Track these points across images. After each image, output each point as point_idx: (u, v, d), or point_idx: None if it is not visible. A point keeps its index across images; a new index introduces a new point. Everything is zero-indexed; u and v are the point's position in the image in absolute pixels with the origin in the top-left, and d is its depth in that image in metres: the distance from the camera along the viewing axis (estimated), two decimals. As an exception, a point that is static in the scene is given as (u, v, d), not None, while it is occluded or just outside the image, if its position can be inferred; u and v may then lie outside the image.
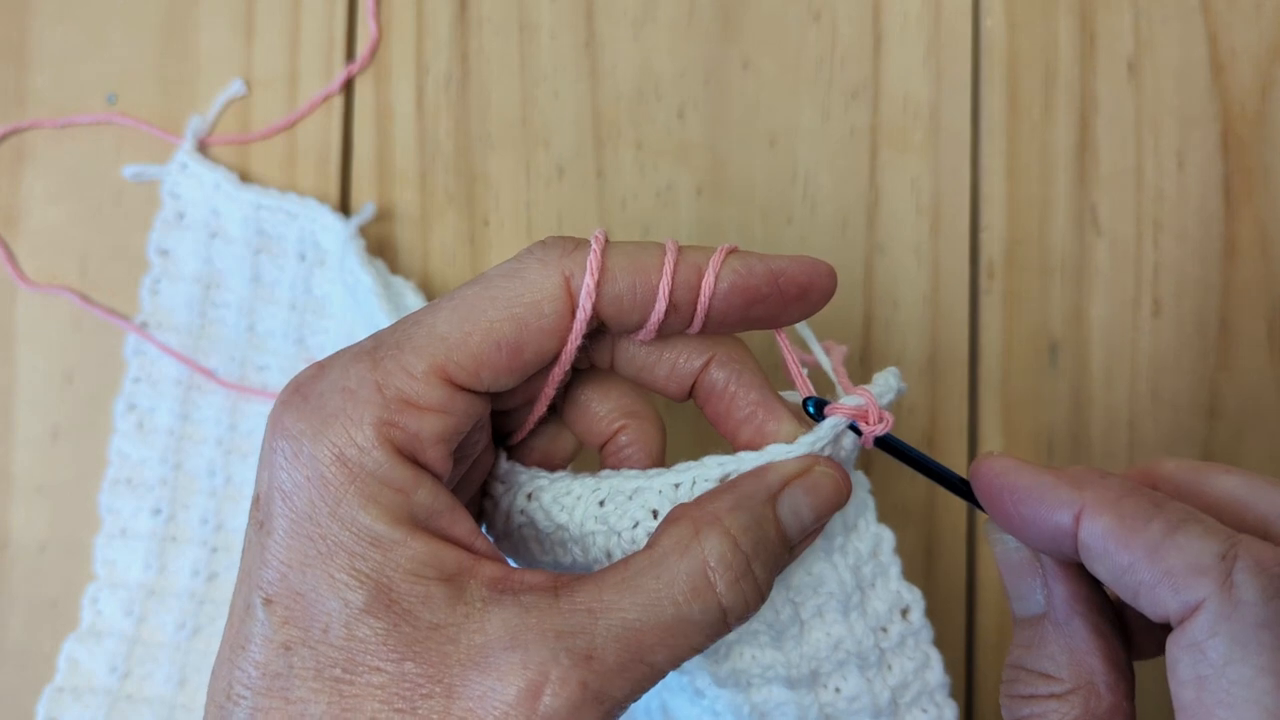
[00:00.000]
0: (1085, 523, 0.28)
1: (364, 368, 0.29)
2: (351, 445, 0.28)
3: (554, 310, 0.30)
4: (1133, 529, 0.27)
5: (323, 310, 0.50)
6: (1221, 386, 0.49)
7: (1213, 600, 0.26)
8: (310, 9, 0.51)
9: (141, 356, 0.50)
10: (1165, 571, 0.27)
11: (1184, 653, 0.26)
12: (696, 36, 0.51)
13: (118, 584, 0.49)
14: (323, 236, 0.49)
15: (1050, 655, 0.30)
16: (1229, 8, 0.50)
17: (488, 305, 0.30)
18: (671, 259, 0.31)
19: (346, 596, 0.28)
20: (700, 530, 0.30)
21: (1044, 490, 0.29)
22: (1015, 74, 0.50)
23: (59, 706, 0.48)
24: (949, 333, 0.50)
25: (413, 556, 0.28)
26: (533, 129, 0.51)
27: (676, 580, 0.29)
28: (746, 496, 0.31)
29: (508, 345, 0.30)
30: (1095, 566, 0.29)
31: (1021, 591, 0.31)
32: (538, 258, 0.31)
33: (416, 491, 0.29)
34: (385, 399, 0.29)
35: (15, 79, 0.51)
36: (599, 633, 0.28)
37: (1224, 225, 0.49)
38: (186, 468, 0.50)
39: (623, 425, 0.35)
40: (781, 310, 0.32)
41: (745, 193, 0.50)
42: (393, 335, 0.30)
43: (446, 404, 0.30)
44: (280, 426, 0.29)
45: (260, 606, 0.28)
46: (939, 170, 0.50)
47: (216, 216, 0.50)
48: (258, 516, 0.29)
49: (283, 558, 0.28)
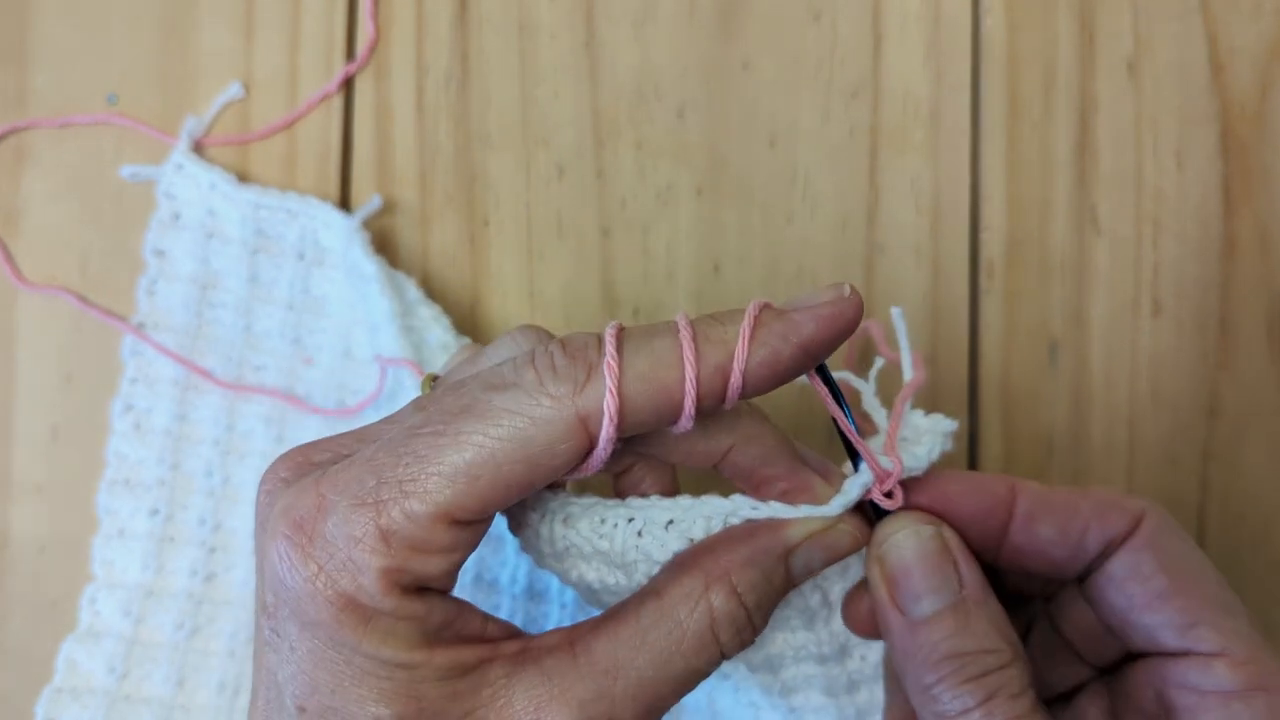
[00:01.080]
0: (1022, 489, 0.33)
1: (368, 514, 0.29)
2: (362, 593, 0.29)
3: (567, 449, 0.29)
4: (1060, 490, 0.33)
5: (320, 310, 0.50)
6: (1221, 386, 0.49)
7: (1151, 510, 0.32)
8: (310, 9, 0.51)
9: (139, 357, 0.50)
10: (1105, 502, 0.32)
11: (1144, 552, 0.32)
12: (696, 36, 0.51)
13: (116, 584, 0.49)
14: (324, 235, 0.49)
15: (983, 633, 0.31)
16: (1229, 8, 0.50)
17: (497, 449, 0.29)
18: (693, 373, 0.29)
19: (378, 713, 0.29)
20: (710, 586, 0.31)
21: (972, 476, 0.34)
22: (1015, 74, 0.50)
23: (58, 707, 0.48)
24: (949, 333, 0.50)
25: (437, 668, 0.30)
26: (533, 129, 0.51)
27: (686, 637, 0.31)
28: (761, 551, 0.32)
29: (517, 485, 0.29)
30: (1034, 524, 0.33)
31: (931, 583, 0.32)
32: (550, 394, 0.29)
33: (429, 617, 0.30)
34: (391, 549, 0.29)
35: (15, 79, 0.51)
36: (618, 694, 0.30)
37: (1224, 225, 0.49)
38: (184, 468, 0.50)
39: (631, 463, 0.35)
40: (812, 365, 0.32)
41: (745, 193, 0.50)
42: (394, 473, 0.29)
43: (452, 544, 0.30)
44: (288, 562, 0.29)
45: (294, 710, 0.30)
46: (939, 170, 0.50)
47: (213, 217, 0.50)
48: (271, 625, 0.30)
49: (310, 675, 0.29)
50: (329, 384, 0.50)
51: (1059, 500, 0.33)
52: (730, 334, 0.30)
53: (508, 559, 0.47)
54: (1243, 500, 0.49)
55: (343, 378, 0.50)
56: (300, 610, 0.29)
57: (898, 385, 0.36)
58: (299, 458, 0.32)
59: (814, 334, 0.30)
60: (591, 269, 0.50)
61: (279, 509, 0.30)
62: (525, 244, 0.51)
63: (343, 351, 0.50)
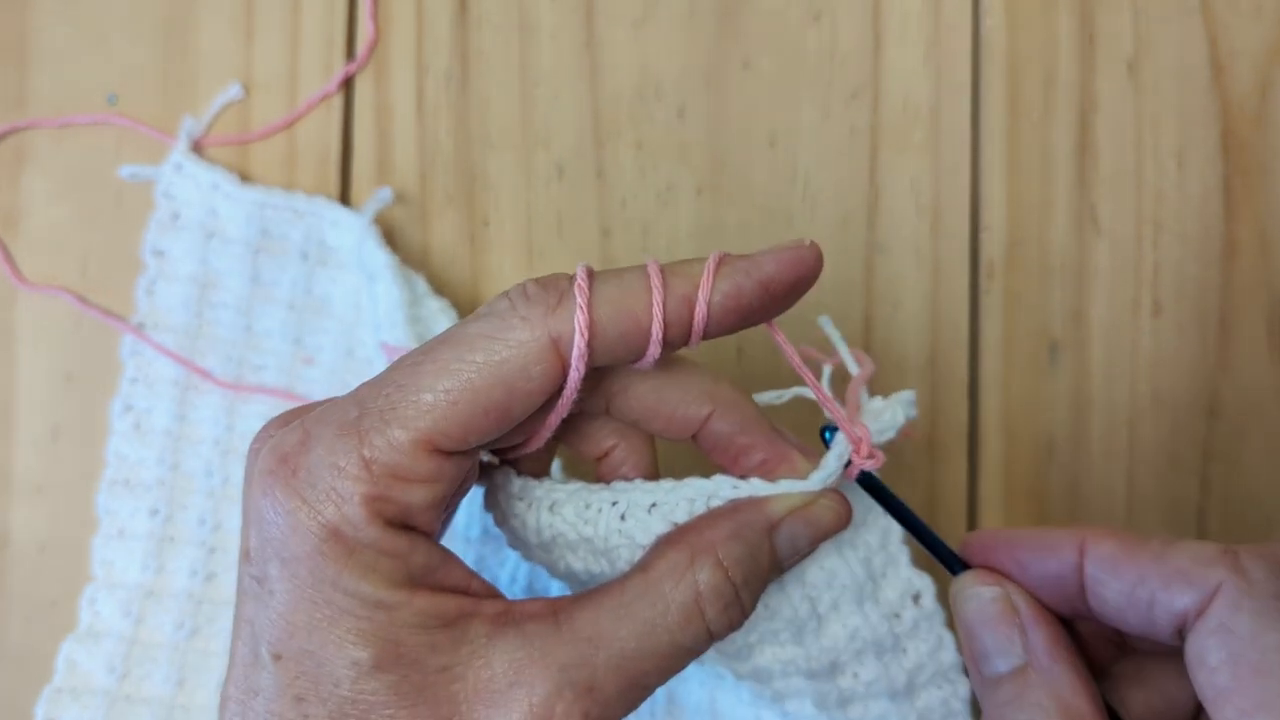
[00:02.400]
0: (1090, 550, 0.30)
1: (351, 443, 0.29)
2: (345, 523, 0.29)
3: (542, 372, 0.30)
4: (1135, 546, 0.30)
5: (322, 310, 0.50)
6: (1221, 386, 0.49)
7: (1229, 583, 0.28)
8: (310, 9, 0.51)
9: (138, 357, 0.50)
10: (1176, 571, 0.29)
11: (1212, 637, 0.28)
12: (696, 36, 0.51)
13: (116, 585, 0.49)
14: (330, 235, 0.49)
15: (1038, 704, 0.30)
16: (1229, 8, 0.50)
17: (473, 371, 0.29)
18: (659, 298, 0.30)
19: (355, 656, 0.29)
20: (695, 559, 0.31)
21: (1043, 535, 0.32)
22: (1015, 74, 0.50)
23: (58, 707, 0.48)
24: (949, 333, 0.50)
25: (416, 612, 0.29)
26: (533, 129, 0.51)
27: (670, 609, 0.30)
28: (745, 526, 0.32)
29: (495, 410, 0.30)
30: (1102, 590, 0.30)
31: (997, 645, 0.31)
32: (521, 315, 0.30)
33: (411, 555, 0.30)
34: (373, 475, 0.29)
35: (15, 79, 0.51)
36: (599, 664, 0.29)
37: (1224, 225, 0.49)
38: (184, 468, 0.50)
39: (614, 444, 0.35)
40: (776, 311, 0.32)
41: (745, 193, 0.50)
42: (376, 403, 0.29)
43: (435, 473, 0.30)
44: (271, 497, 0.29)
45: (270, 660, 0.29)
46: (939, 170, 0.50)
47: (214, 217, 0.50)
48: (253, 571, 0.30)
49: (288, 618, 0.29)
50: (330, 383, 0.50)
51: (1127, 565, 0.30)
52: (695, 270, 0.31)
53: (508, 558, 0.47)
54: (1243, 500, 0.49)
55: (344, 377, 0.50)
56: (282, 547, 0.29)
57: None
58: (288, 415, 0.32)
59: (774, 272, 0.31)
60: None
61: (265, 449, 0.30)
62: (525, 244, 0.51)
63: (345, 351, 0.50)
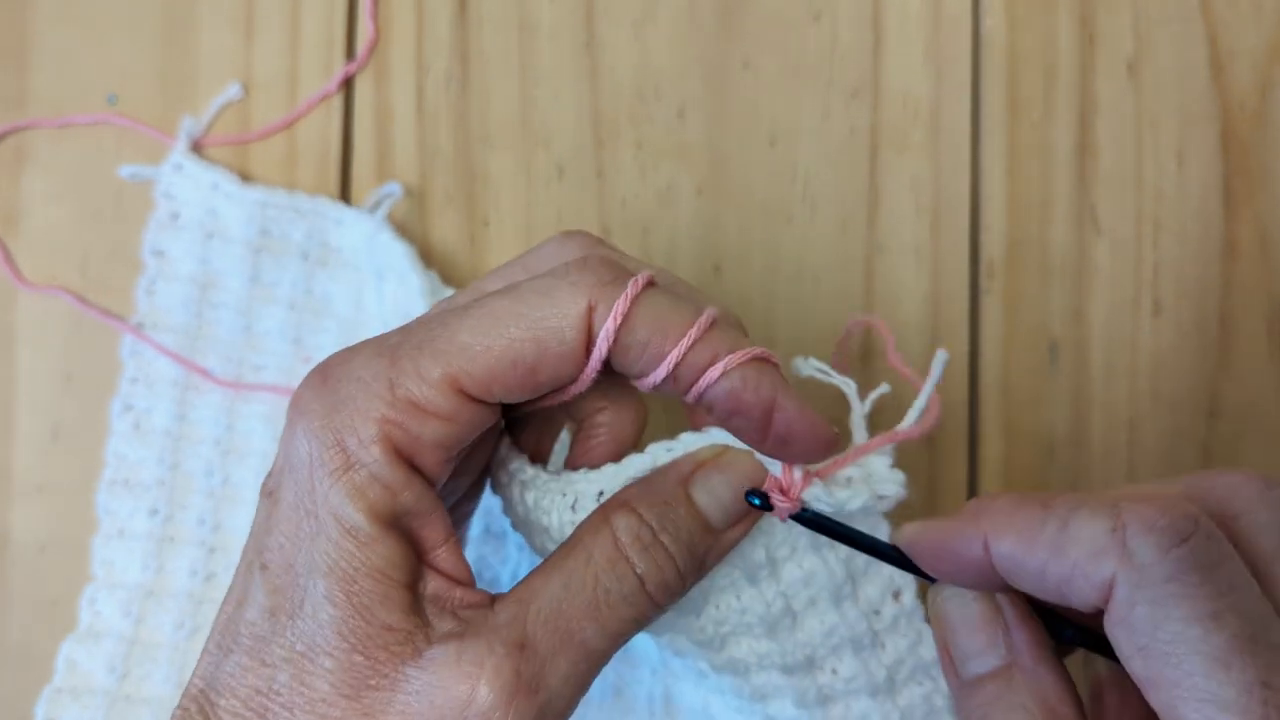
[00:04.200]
0: (993, 547, 0.29)
1: (383, 363, 0.30)
2: (353, 435, 0.29)
3: (573, 339, 0.30)
4: (1033, 535, 0.28)
5: (323, 310, 0.50)
6: (1221, 386, 0.49)
7: (1121, 574, 0.27)
8: (310, 9, 0.51)
9: (138, 357, 0.50)
10: (1072, 565, 0.27)
11: (1117, 631, 0.27)
12: (696, 36, 0.51)
13: (116, 585, 0.49)
14: (333, 234, 0.49)
15: (1022, 705, 0.30)
16: (1229, 8, 0.50)
17: (512, 321, 0.30)
18: (693, 336, 0.30)
19: (317, 580, 0.29)
20: (610, 513, 0.31)
21: (952, 537, 0.30)
22: (1015, 74, 0.50)
23: (58, 707, 0.48)
24: (949, 333, 0.50)
25: (382, 554, 0.29)
26: (533, 129, 0.51)
27: (592, 556, 0.30)
28: (655, 481, 0.32)
29: (524, 365, 0.30)
30: (1018, 583, 0.29)
31: (979, 646, 0.31)
32: (572, 280, 0.30)
33: (403, 493, 0.30)
34: (394, 398, 0.30)
35: (15, 79, 0.51)
36: (529, 619, 0.30)
37: (1224, 225, 0.49)
38: (184, 468, 0.50)
39: (602, 407, 0.35)
40: (758, 442, 0.31)
41: (745, 193, 0.50)
42: (417, 334, 0.31)
43: (453, 412, 0.30)
44: (299, 402, 0.31)
45: (258, 571, 0.30)
46: (939, 170, 0.50)
47: (214, 217, 0.50)
48: (269, 485, 0.31)
49: (282, 529, 0.30)
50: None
51: (1028, 561, 0.29)
52: (737, 340, 0.31)
53: (509, 557, 0.47)
54: (1243, 500, 0.49)
55: (343, 378, 0.50)
56: (295, 453, 0.30)
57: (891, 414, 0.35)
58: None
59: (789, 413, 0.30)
60: (591, 269, 0.50)
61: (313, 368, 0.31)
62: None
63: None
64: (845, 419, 0.35)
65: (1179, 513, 0.27)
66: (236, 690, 0.29)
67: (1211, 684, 0.25)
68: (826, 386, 0.36)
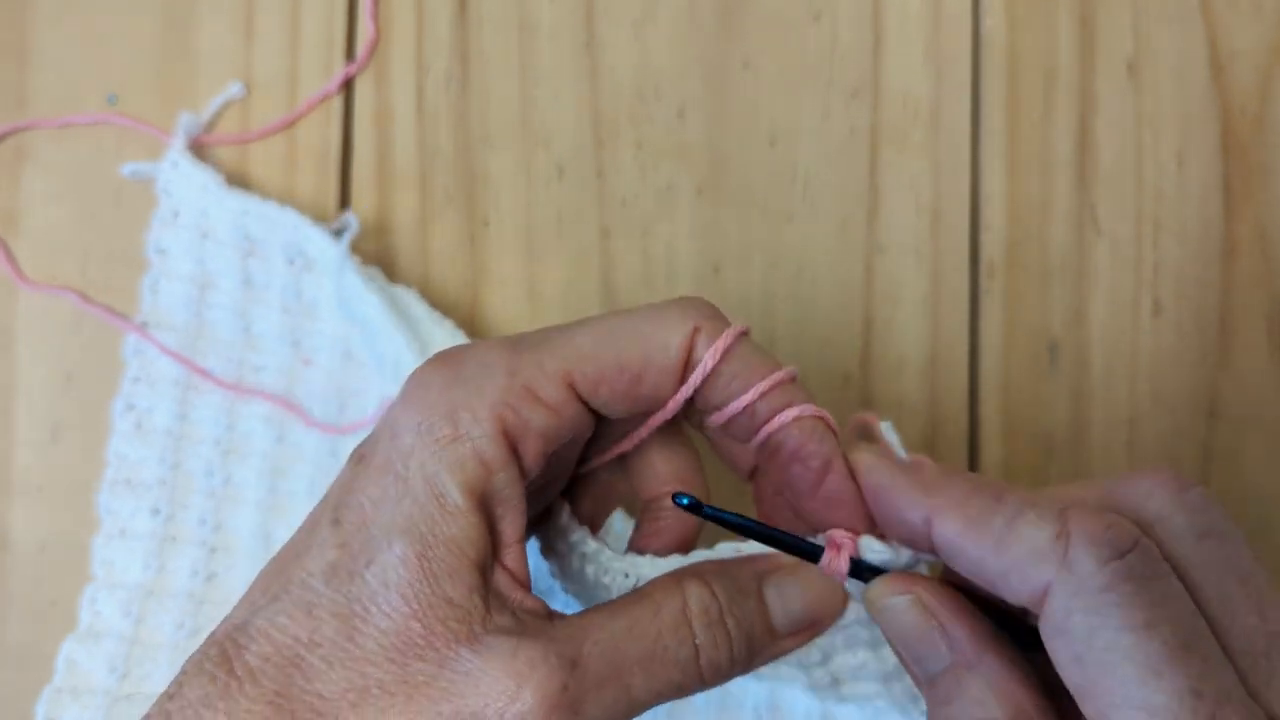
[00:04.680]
0: (936, 526, 0.30)
1: (505, 353, 0.32)
2: (468, 410, 0.31)
3: (676, 356, 0.32)
4: (979, 527, 0.29)
5: (314, 314, 0.50)
6: (1222, 386, 0.49)
7: (1058, 581, 0.27)
8: (310, 9, 0.51)
9: (141, 356, 0.50)
10: (1011, 563, 0.28)
11: (1054, 640, 0.28)
12: (696, 36, 0.51)
13: (116, 585, 0.49)
14: (307, 246, 0.49)
15: (975, 699, 0.30)
16: (1229, 8, 0.50)
17: (623, 333, 0.32)
18: (778, 377, 0.33)
19: (393, 540, 0.30)
20: (684, 579, 0.32)
21: (898, 493, 0.32)
22: (1015, 74, 0.50)
23: (58, 707, 0.48)
24: (949, 333, 0.50)
25: (463, 529, 0.30)
26: (533, 129, 0.51)
27: (661, 613, 0.31)
28: (732, 567, 0.33)
29: (630, 373, 0.32)
30: (954, 564, 0.30)
31: (923, 648, 0.31)
32: (681, 307, 0.33)
33: (499, 474, 0.31)
34: (513, 382, 0.31)
35: (15, 79, 0.51)
36: (586, 645, 0.30)
37: (1224, 225, 0.49)
38: (185, 468, 0.50)
39: (671, 489, 0.36)
40: (809, 495, 0.33)
41: (745, 193, 0.50)
42: (535, 336, 0.33)
43: (561, 405, 0.32)
44: (419, 375, 0.32)
45: (327, 524, 0.31)
46: (939, 170, 0.50)
47: (206, 217, 0.50)
48: (361, 450, 0.32)
49: (367, 489, 0.31)
50: (329, 386, 0.50)
51: (970, 549, 0.29)
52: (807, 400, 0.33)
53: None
54: (1243, 500, 0.49)
55: (343, 380, 0.50)
56: (397, 422, 0.31)
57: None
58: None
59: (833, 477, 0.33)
60: (591, 269, 0.50)
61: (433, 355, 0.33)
62: (525, 244, 0.51)
63: (342, 353, 0.50)
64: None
65: (1122, 529, 0.28)
66: (273, 636, 0.29)
67: (1144, 691, 0.26)
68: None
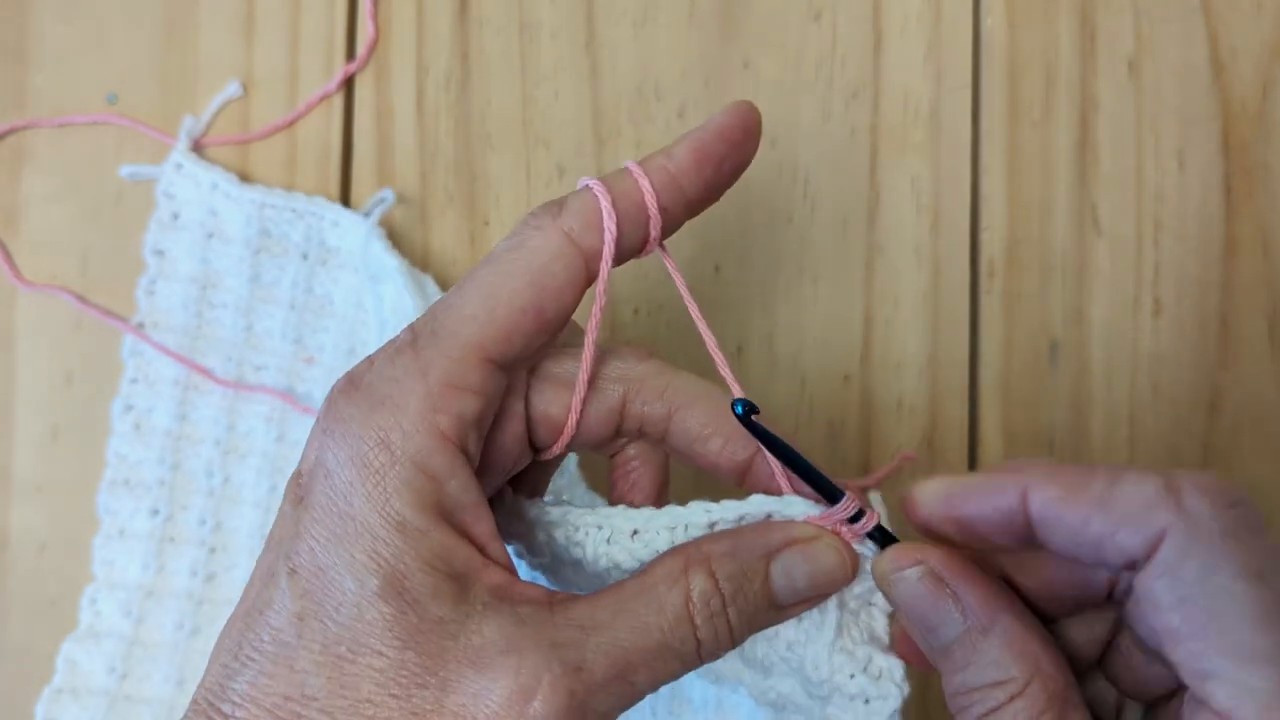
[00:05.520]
0: (1033, 497, 0.29)
1: (407, 358, 0.31)
2: (397, 429, 0.30)
3: (564, 267, 0.32)
4: (1078, 490, 0.29)
5: (323, 310, 0.50)
6: (1222, 385, 0.49)
7: (1174, 526, 0.27)
8: (310, 9, 0.51)
9: (139, 357, 0.50)
10: (1121, 515, 0.28)
11: (1160, 581, 0.27)
12: (696, 36, 0.51)
13: (116, 585, 0.49)
14: (330, 235, 0.49)
15: (993, 661, 0.30)
16: (1229, 8, 0.50)
17: (503, 279, 0.32)
18: (645, 179, 0.33)
19: (362, 579, 0.29)
20: (690, 567, 0.31)
21: (983, 483, 0.31)
22: (1015, 74, 0.50)
23: (58, 707, 0.48)
24: (949, 333, 0.50)
25: (431, 548, 0.30)
26: (533, 129, 0.51)
27: (665, 609, 0.31)
28: (743, 547, 0.32)
29: (531, 309, 0.32)
30: (1052, 535, 0.29)
31: (937, 618, 0.31)
32: (533, 227, 0.32)
33: (449, 481, 0.30)
34: (428, 385, 0.30)
35: (15, 78, 0.51)
36: (590, 647, 0.30)
37: (1224, 224, 0.49)
38: (184, 468, 0.50)
39: (634, 455, 0.36)
40: (737, 157, 0.35)
41: (745, 193, 0.50)
42: (426, 325, 0.32)
43: (484, 383, 0.31)
44: (333, 410, 0.31)
45: (285, 576, 0.30)
46: (939, 170, 0.50)
47: (214, 216, 0.50)
48: (297, 492, 0.31)
49: (314, 532, 0.30)
50: (331, 383, 0.50)
51: (1071, 511, 0.29)
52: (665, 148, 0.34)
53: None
54: (1243, 500, 0.49)
55: (344, 378, 0.50)
56: (331, 458, 0.30)
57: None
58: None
59: (724, 121, 0.35)
60: (591, 269, 0.50)
61: (340, 379, 0.32)
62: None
63: (347, 350, 0.50)
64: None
65: (1230, 483, 0.28)
66: (260, 700, 0.29)
67: (1255, 637, 0.26)
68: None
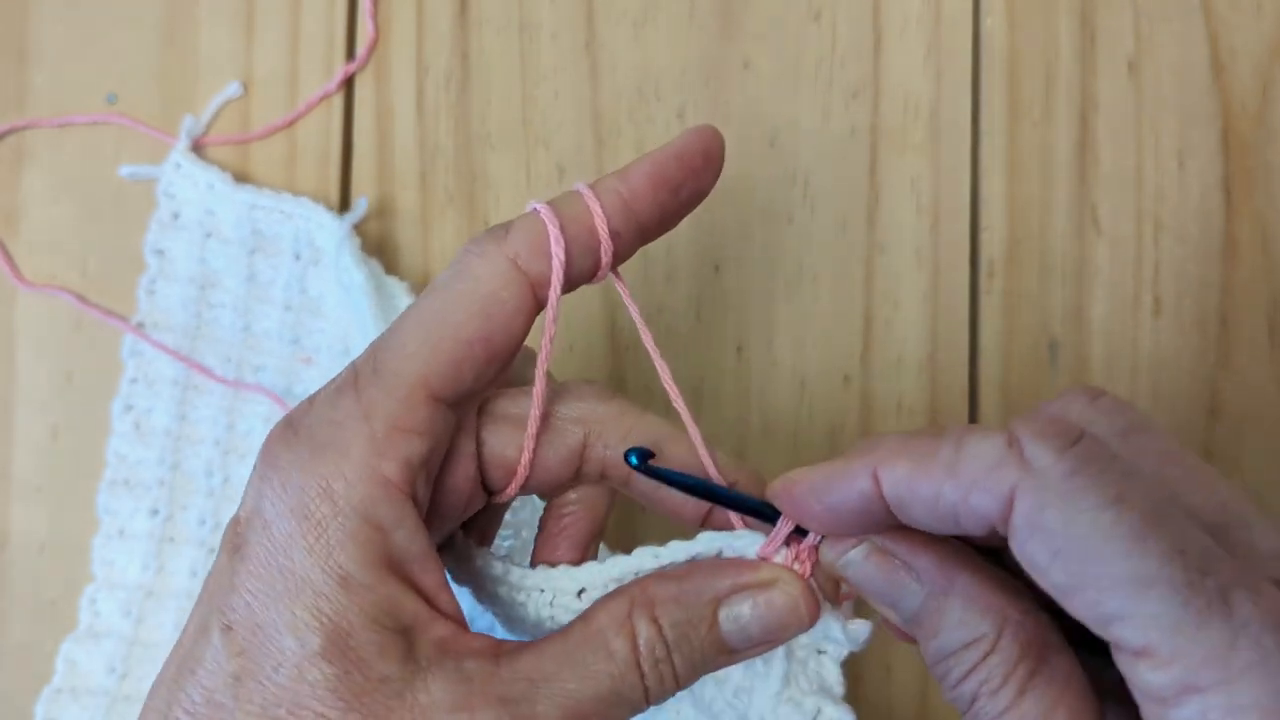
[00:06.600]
0: (884, 478, 0.28)
1: (349, 400, 0.30)
2: (339, 478, 0.29)
3: (511, 295, 0.31)
4: (925, 462, 0.28)
5: (318, 310, 0.50)
6: (1222, 385, 0.49)
7: (1022, 483, 0.26)
8: (310, 9, 0.51)
9: (138, 357, 0.50)
10: (971, 483, 0.27)
11: (1027, 541, 0.26)
12: (696, 36, 0.51)
13: (116, 585, 0.49)
14: (318, 235, 0.49)
15: (959, 621, 0.29)
16: (1229, 8, 0.50)
17: (448, 310, 0.30)
18: (592, 198, 0.32)
19: (304, 637, 0.28)
20: (634, 612, 0.31)
21: (837, 472, 0.29)
22: (1015, 74, 0.50)
23: (58, 707, 0.48)
24: (949, 333, 0.50)
25: (376, 603, 0.28)
26: (533, 129, 0.51)
27: (613, 657, 0.30)
28: (689, 592, 0.31)
29: (478, 340, 0.30)
30: (911, 514, 0.28)
31: (895, 591, 0.30)
32: (476, 254, 0.31)
33: (396, 531, 0.29)
34: (372, 429, 0.29)
35: (15, 78, 0.51)
36: (540, 700, 0.29)
37: (1224, 224, 0.49)
38: (184, 468, 0.50)
39: (571, 486, 0.35)
40: (697, 182, 0.34)
41: (745, 193, 0.50)
42: (367, 363, 0.30)
43: (430, 422, 0.30)
44: (271, 457, 0.29)
45: (218, 632, 0.28)
46: (939, 170, 0.50)
47: (211, 216, 0.50)
48: (234, 541, 0.29)
49: (250, 586, 0.28)
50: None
51: (922, 485, 0.28)
52: (620, 171, 0.33)
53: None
54: (1243, 500, 0.49)
55: (343, 378, 0.50)
56: (269, 508, 0.29)
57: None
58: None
59: (684, 145, 0.33)
60: (591, 269, 0.50)
61: (278, 421, 0.31)
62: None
63: (342, 351, 0.50)
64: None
65: (1064, 423, 0.27)
66: None
67: (1132, 561, 0.25)
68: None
